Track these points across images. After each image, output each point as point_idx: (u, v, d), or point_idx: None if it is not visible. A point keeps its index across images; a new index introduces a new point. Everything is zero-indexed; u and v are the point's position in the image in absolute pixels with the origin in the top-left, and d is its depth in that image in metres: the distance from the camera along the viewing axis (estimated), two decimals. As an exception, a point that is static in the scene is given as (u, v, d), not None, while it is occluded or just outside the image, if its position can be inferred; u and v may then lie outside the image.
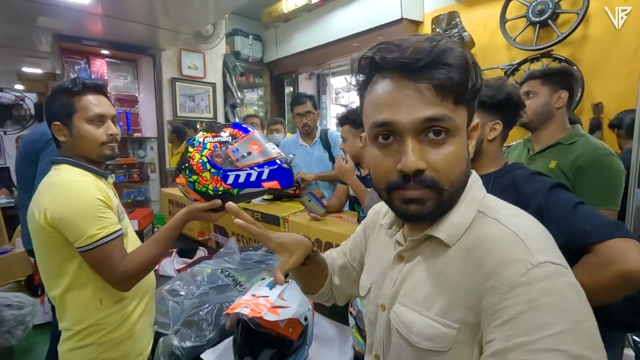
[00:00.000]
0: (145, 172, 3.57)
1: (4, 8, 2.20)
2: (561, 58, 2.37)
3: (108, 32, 2.82)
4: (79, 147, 1.05)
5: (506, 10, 2.59)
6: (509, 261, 0.43)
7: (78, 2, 2.13)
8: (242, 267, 1.60)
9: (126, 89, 3.47)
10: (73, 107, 1.03)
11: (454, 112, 0.47)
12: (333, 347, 1.17)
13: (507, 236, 0.46)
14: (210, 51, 3.72)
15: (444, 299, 0.49)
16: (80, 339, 1.02)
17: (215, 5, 2.47)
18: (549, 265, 0.42)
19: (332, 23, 3.65)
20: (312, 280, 0.83)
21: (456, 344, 0.47)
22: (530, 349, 0.39)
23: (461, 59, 0.46)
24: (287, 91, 5.00)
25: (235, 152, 1.03)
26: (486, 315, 0.44)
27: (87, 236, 0.94)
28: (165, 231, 1.07)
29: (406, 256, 0.57)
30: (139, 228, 2.11)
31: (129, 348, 1.09)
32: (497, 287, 0.43)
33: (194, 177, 1.02)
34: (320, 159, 2.32)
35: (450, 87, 0.46)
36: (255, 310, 0.94)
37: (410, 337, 0.51)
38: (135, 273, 1.01)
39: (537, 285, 0.41)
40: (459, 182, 0.50)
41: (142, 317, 1.13)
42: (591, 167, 1.27)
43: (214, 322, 1.24)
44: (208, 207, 1.04)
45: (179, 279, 1.47)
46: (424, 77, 0.45)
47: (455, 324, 0.47)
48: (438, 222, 0.52)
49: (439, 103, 0.46)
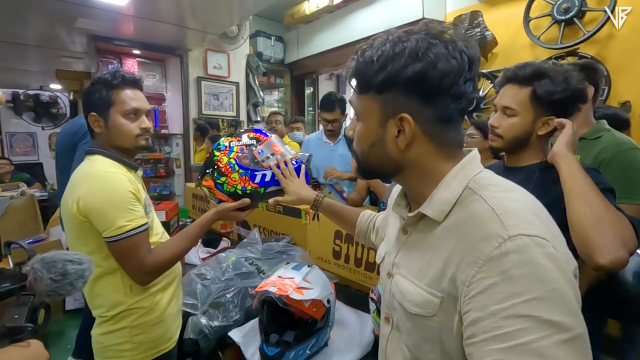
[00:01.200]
0: (171, 167, 3.71)
1: (47, 10, 2.36)
2: (587, 56, 2.33)
3: (139, 33, 2.97)
4: (113, 139, 1.07)
5: (530, 9, 2.57)
6: (485, 236, 0.46)
7: (115, 4, 2.26)
8: (265, 257, 1.66)
9: (155, 88, 3.62)
10: (111, 100, 1.05)
11: (356, 99, 0.58)
12: (354, 331, 1.21)
13: (486, 213, 0.48)
14: (235, 51, 3.84)
15: (433, 271, 0.52)
16: (114, 323, 1.05)
17: (241, 6, 2.56)
18: (522, 238, 0.44)
19: (353, 24, 3.70)
20: (340, 220, 1.09)
21: (440, 311, 0.51)
22: (502, 315, 0.41)
23: (356, 60, 0.56)
24: (308, 92, 5.07)
25: (261, 153, 1.12)
26: (463, 288, 0.47)
27: (116, 227, 0.96)
28: (195, 227, 1.11)
29: (409, 230, 0.62)
30: (166, 219, 2.21)
31: (160, 332, 1.11)
32: (474, 262, 0.46)
33: (222, 178, 1.09)
34: (342, 157, 2.33)
35: (351, 81, 0.58)
36: (282, 289, 0.99)
37: (404, 303, 0.57)
38: (162, 265, 1.04)
39: (509, 257, 0.43)
40: (364, 156, 0.60)
41: (171, 303, 1.16)
42: (614, 160, 1.26)
43: (240, 304, 1.30)
44: (237, 206, 1.10)
45: (205, 265, 1.55)
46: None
47: (440, 293, 0.51)
48: (429, 198, 0.55)
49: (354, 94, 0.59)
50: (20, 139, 5.78)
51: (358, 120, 0.59)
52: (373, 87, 0.54)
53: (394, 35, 0.53)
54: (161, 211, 2.17)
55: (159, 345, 1.11)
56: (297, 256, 1.65)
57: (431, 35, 0.51)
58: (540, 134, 0.98)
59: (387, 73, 0.51)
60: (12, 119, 5.37)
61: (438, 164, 0.55)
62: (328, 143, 2.37)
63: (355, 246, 1.50)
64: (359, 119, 0.59)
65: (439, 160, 0.55)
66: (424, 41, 0.50)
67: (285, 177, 1.09)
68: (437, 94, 0.51)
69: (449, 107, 0.51)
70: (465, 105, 0.52)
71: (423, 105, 0.52)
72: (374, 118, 0.56)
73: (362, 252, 1.47)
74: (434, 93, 0.51)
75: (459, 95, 0.51)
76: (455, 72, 0.49)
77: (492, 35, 2.74)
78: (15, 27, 2.66)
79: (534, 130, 0.98)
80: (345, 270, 1.55)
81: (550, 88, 0.93)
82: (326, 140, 2.39)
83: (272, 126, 3.04)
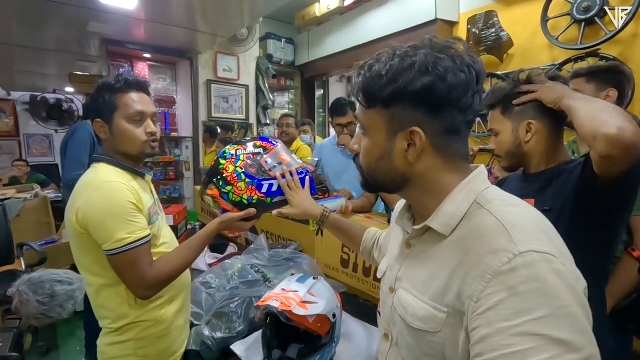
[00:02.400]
0: (181, 170, 3.72)
1: (60, 15, 2.39)
2: (609, 57, 2.23)
3: (151, 36, 2.99)
4: (119, 145, 1.04)
5: (548, 8, 2.48)
6: (493, 251, 0.45)
7: (125, 8, 2.27)
8: (271, 264, 1.63)
9: (165, 91, 3.65)
10: (115, 105, 1.02)
11: (363, 114, 0.58)
12: (361, 346, 1.16)
13: (494, 227, 0.48)
14: (245, 54, 3.83)
15: (437, 285, 0.52)
16: (119, 334, 1.02)
17: (251, 9, 2.54)
18: (532, 254, 0.43)
19: (364, 25, 3.64)
20: (346, 236, 1.06)
21: (446, 327, 0.50)
22: (511, 333, 0.40)
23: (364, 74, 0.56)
24: (318, 94, 5.04)
25: (268, 162, 1.08)
26: (471, 303, 0.46)
27: (116, 240, 0.92)
28: (198, 239, 1.07)
29: (413, 243, 0.61)
30: (174, 223, 2.20)
31: (166, 345, 1.09)
32: (481, 276, 0.45)
33: (228, 187, 1.04)
34: None
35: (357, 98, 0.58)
36: (285, 303, 0.95)
37: (407, 317, 0.56)
38: (165, 279, 1.00)
39: (519, 273, 0.42)
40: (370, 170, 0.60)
41: (177, 316, 1.12)
42: None
43: (244, 315, 1.26)
44: (243, 216, 1.05)
45: (211, 272, 1.52)
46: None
47: (446, 308, 0.50)
48: (435, 212, 0.55)
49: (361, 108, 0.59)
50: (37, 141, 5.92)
51: (364, 135, 0.59)
52: (381, 101, 0.54)
53: (402, 50, 0.54)
54: (169, 215, 2.16)
55: (164, 359, 1.09)
56: (304, 264, 1.61)
57: (437, 49, 0.52)
58: (526, 140, 0.97)
59: (396, 87, 0.52)
60: (30, 121, 5.50)
61: (445, 177, 0.56)
62: (343, 149, 2.31)
63: (364, 255, 1.45)
64: (366, 133, 0.59)
65: (446, 173, 0.56)
66: (432, 55, 0.51)
67: (291, 189, 1.05)
68: (446, 106, 0.52)
69: (457, 119, 0.53)
70: (472, 117, 0.54)
71: (432, 118, 0.53)
72: (381, 132, 0.56)
73: (371, 261, 1.42)
74: (443, 105, 0.52)
75: (466, 108, 0.53)
76: (464, 85, 0.51)
77: (508, 36, 2.65)
78: (34, 33, 2.72)
79: (520, 140, 0.98)
80: (353, 280, 1.51)
81: (503, 93, 1.00)
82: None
83: (284, 130, 2.96)
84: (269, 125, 4.24)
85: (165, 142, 3.66)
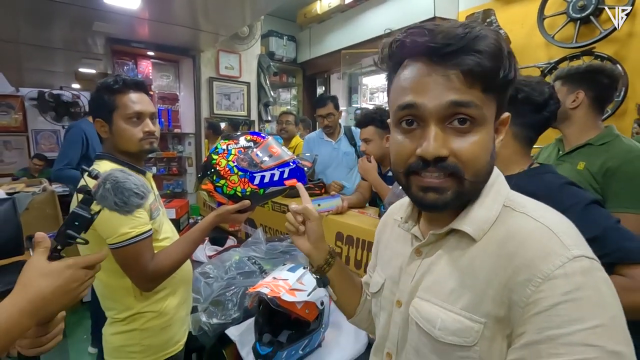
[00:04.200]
0: (184, 165, 3.80)
1: (66, 15, 2.46)
2: (604, 56, 2.26)
3: (154, 35, 3.05)
4: (118, 144, 1.08)
5: (545, 7, 2.51)
6: (544, 254, 0.42)
7: (129, 8, 2.33)
8: (268, 257, 1.69)
9: (168, 88, 3.72)
10: (113, 105, 1.05)
11: (482, 101, 0.45)
12: (349, 334, 1.22)
13: (540, 230, 0.45)
14: (246, 52, 3.89)
15: (471, 293, 0.47)
16: (125, 324, 1.07)
17: (252, 7, 2.59)
18: (585, 260, 0.41)
19: (364, 23, 3.69)
20: (345, 294, 0.78)
21: (482, 340, 0.46)
22: (562, 342, 0.38)
23: (494, 47, 0.44)
24: (319, 90, 5.09)
25: (259, 155, 1.12)
26: (517, 309, 0.42)
27: (119, 234, 0.96)
28: (195, 232, 1.11)
29: (424, 251, 0.56)
30: (176, 217, 2.28)
31: (168, 336, 1.13)
32: (530, 280, 0.42)
33: (222, 181, 1.10)
34: (347, 154, 2.36)
35: (479, 75, 0.44)
36: (274, 290, 1.02)
37: (433, 331, 0.50)
38: (166, 271, 1.03)
39: (574, 278, 0.40)
40: (482, 174, 0.49)
41: (180, 308, 1.17)
42: (620, 169, 1.22)
43: (239, 303, 1.34)
44: (237, 208, 1.10)
45: (210, 263, 1.59)
46: (453, 63, 0.44)
47: (483, 318, 0.46)
48: (462, 215, 0.51)
49: (467, 90, 0.45)
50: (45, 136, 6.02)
51: (471, 130, 0.46)
52: (501, 83, 0.46)
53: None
54: (171, 209, 2.24)
55: (167, 349, 1.13)
56: (299, 256, 1.67)
57: None
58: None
59: (514, 68, 0.46)
60: (38, 116, 5.61)
61: None
62: (330, 141, 2.40)
63: (356, 248, 1.51)
64: (475, 126, 0.46)
65: None
66: None
67: (293, 231, 0.77)
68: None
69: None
70: None
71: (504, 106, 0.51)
72: (490, 123, 0.48)
73: (362, 254, 1.48)
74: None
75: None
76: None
77: (505, 34, 2.68)
78: (41, 31, 2.78)
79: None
80: (345, 272, 1.57)
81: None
82: (327, 139, 2.41)
83: (283, 127, 3.05)
84: (270, 121, 4.29)
85: (169, 138, 3.74)
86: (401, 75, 0.50)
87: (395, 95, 0.50)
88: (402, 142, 0.50)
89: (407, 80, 0.48)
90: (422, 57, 0.46)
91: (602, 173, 1.26)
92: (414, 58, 0.48)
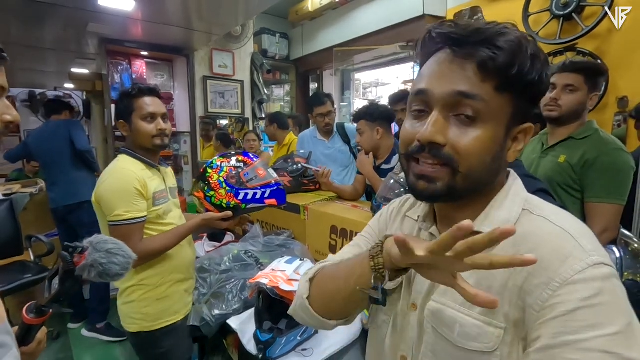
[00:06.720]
0: (179, 164, 3.84)
1: (60, 16, 2.48)
2: (585, 52, 2.34)
3: (148, 35, 3.07)
4: (136, 140, 1.28)
5: (529, 4, 2.58)
6: (563, 257, 0.42)
7: (123, 9, 2.36)
8: (265, 250, 1.76)
9: (163, 87, 3.74)
10: (132, 107, 1.26)
11: (491, 97, 0.45)
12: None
13: (558, 233, 0.45)
14: (239, 50, 3.92)
15: None
16: (127, 295, 1.28)
17: (245, 7, 2.63)
18: (605, 267, 0.41)
19: (355, 20, 3.74)
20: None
21: (503, 345, 0.45)
22: (578, 347, 0.38)
23: (513, 44, 0.43)
24: (312, 87, 5.13)
25: (246, 175, 1.35)
26: (531, 312, 0.42)
27: (115, 214, 1.16)
28: (183, 228, 1.31)
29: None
30: (174, 214, 2.33)
31: (165, 306, 1.31)
32: (547, 283, 0.41)
33: (211, 192, 1.33)
34: (341, 152, 2.37)
35: (493, 69, 0.44)
36: (273, 281, 1.09)
37: (452, 337, 0.49)
38: (150, 254, 1.23)
39: (594, 284, 0.40)
40: (477, 171, 0.47)
41: (176, 283, 1.35)
42: (597, 161, 1.30)
43: (239, 295, 1.40)
44: (221, 217, 1.34)
45: (209, 257, 1.66)
46: (471, 54, 0.45)
47: (502, 323, 0.45)
48: (482, 217, 0.51)
49: (478, 83, 0.44)
50: (38, 137, 5.99)
51: (473, 124, 0.46)
52: (520, 84, 0.45)
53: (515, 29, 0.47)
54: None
55: (164, 317, 1.31)
56: (296, 250, 1.74)
57: None
58: None
59: (537, 71, 0.45)
60: (30, 117, 5.58)
61: (499, 180, 0.52)
62: (323, 140, 2.41)
63: (350, 241, 1.58)
64: (478, 121, 0.46)
65: (502, 175, 0.53)
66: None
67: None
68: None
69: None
70: None
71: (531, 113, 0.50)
72: (501, 124, 0.47)
73: (355, 246, 1.55)
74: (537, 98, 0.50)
75: None
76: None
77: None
78: (34, 32, 2.79)
79: None
80: (339, 264, 1.64)
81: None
82: (321, 137, 2.42)
83: (251, 145, 3.31)
84: (264, 119, 4.34)
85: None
86: (425, 65, 0.51)
87: (414, 83, 0.52)
88: (409, 126, 0.51)
89: (427, 69, 0.50)
90: (446, 49, 0.48)
91: (580, 165, 1.34)
92: (439, 49, 0.49)
